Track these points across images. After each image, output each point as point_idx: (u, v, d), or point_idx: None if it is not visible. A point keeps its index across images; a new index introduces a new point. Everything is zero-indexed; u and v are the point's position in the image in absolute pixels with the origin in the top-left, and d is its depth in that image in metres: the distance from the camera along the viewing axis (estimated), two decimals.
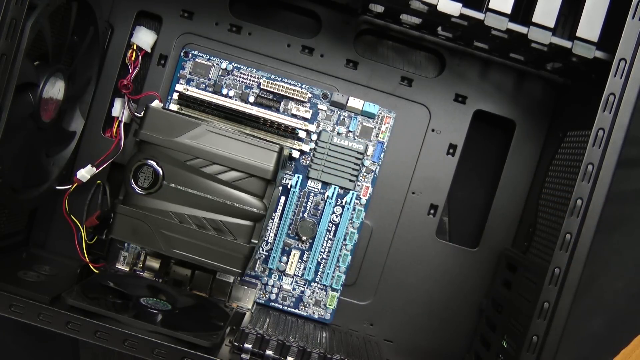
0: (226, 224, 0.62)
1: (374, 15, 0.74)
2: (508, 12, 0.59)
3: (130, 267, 0.73)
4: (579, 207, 0.56)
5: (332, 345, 0.68)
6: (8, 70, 0.53)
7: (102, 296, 0.63)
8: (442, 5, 0.59)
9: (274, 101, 0.74)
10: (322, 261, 0.75)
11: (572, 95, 0.72)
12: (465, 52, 0.75)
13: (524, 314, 0.61)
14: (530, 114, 0.75)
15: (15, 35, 0.53)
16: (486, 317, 0.74)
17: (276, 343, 0.59)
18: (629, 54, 0.56)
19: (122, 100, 0.73)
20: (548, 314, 0.57)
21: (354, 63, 0.75)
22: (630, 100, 0.56)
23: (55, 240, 0.74)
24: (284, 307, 0.75)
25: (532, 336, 0.58)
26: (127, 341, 0.56)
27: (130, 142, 0.73)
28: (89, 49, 0.69)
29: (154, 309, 0.62)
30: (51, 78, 0.62)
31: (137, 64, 0.74)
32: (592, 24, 0.59)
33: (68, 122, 0.72)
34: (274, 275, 0.75)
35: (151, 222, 0.61)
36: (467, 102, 0.75)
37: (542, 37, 0.59)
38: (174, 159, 0.61)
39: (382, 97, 0.75)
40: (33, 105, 0.60)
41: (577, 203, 0.56)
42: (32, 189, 0.66)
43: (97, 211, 0.71)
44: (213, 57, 0.74)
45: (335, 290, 0.75)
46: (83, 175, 0.70)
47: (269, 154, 0.62)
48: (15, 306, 0.56)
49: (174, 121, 0.61)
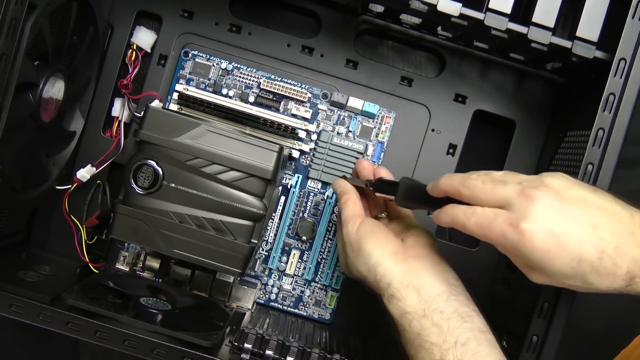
0: (226, 224, 0.62)
1: (374, 15, 0.74)
2: (508, 12, 0.59)
3: (130, 267, 0.73)
4: None
5: (332, 345, 0.68)
6: (8, 70, 0.53)
7: (102, 296, 0.63)
8: (442, 5, 0.59)
9: (274, 101, 0.74)
10: (322, 261, 0.75)
11: (572, 95, 0.72)
12: (465, 52, 0.75)
13: (524, 314, 0.61)
14: (530, 114, 0.75)
15: (15, 35, 0.53)
16: (486, 317, 0.74)
17: (276, 343, 0.59)
18: (629, 54, 0.56)
19: (122, 100, 0.73)
20: (548, 314, 0.57)
21: (354, 63, 0.75)
22: (630, 100, 0.56)
23: (55, 240, 0.74)
24: (284, 307, 0.75)
25: (532, 336, 0.58)
26: (127, 341, 0.56)
27: (130, 142, 0.73)
28: (89, 48, 0.69)
29: (153, 308, 0.62)
30: (51, 78, 0.62)
31: (137, 63, 0.74)
32: (592, 23, 0.59)
33: (68, 122, 0.72)
34: (274, 275, 0.75)
35: (151, 222, 0.61)
36: (467, 101, 0.75)
37: (542, 37, 0.59)
38: (173, 159, 0.61)
39: (382, 97, 0.75)
40: (33, 105, 0.60)
41: None
42: (32, 189, 0.66)
43: (97, 211, 0.71)
44: (213, 57, 0.74)
45: (336, 290, 0.75)
46: (83, 175, 0.70)
47: (268, 154, 0.62)
48: (15, 306, 0.56)
49: (174, 121, 0.61)
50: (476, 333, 0.54)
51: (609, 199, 0.51)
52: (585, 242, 0.48)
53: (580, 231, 0.48)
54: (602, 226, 0.48)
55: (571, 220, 0.48)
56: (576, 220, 0.48)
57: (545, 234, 0.48)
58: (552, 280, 0.50)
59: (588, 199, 0.50)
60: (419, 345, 0.54)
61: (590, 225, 0.48)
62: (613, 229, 0.48)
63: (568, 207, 0.49)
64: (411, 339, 0.55)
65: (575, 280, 0.49)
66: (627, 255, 0.47)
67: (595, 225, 0.48)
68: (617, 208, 0.50)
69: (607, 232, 0.48)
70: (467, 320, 0.55)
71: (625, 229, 0.48)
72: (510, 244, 0.49)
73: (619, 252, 0.47)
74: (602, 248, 0.47)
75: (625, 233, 0.48)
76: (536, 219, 0.48)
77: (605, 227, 0.48)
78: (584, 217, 0.48)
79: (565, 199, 0.49)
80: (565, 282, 0.50)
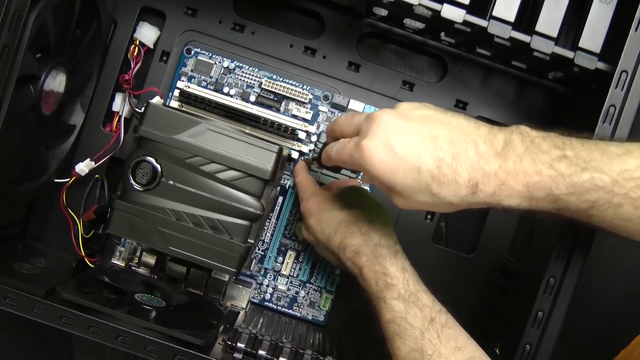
0: (223, 223, 0.62)
1: (377, 19, 0.74)
2: (511, 21, 0.59)
3: (126, 263, 0.72)
4: None
5: (325, 346, 0.68)
6: (10, 62, 0.53)
7: (97, 291, 0.63)
8: (446, 12, 0.59)
9: (275, 101, 0.74)
10: (318, 262, 0.75)
11: (573, 105, 0.72)
12: (468, 59, 0.75)
13: (518, 322, 0.61)
14: (530, 122, 0.74)
15: (18, 28, 0.53)
16: (480, 324, 0.74)
17: (269, 343, 0.59)
18: (631, 67, 0.56)
19: (123, 95, 0.73)
20: (542, 323, 0.57)
21: (356, 65, 0.75)
22: (631, 112, 0.56)
23: (51, 233, 0.74)
24: (278, 307, 0.75)
25: (525, 344, 0.58)
26: (120, 337, 0.56)
27: (129, 138, 0.73)
28: (92, 43, 0.69)
29: (148, 305, 0.62)
30: (53, 71, 0.62)
31: (139, 59, 0.74)
32: (594, 35, 0.59)
33: (68, 115, 0.72)
34: (269, 275, 0.75)
35: (148, 218, 0.61)
36: (468, 108, 0.75)
37: (544, 46, 0.59)
38: (172, 156, 0.61)
39: (383, 100, 0.75)
40: (34, 98, 0.60)
41: None
42: (31, 181, 0.66)
43: (95, 205, 0.71)
44: (215, 55, 0.74)
45: (330, 292, 0.75)
46: (82, 169, 0.70)
47: (268, 154, 0.61)
48: (9, 298, 0.56)
49: (174, 118, 0.61)
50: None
51: (460, 116, 0.52)
52: (422, 152, 0.49)
53: (417, 142, 0.49)
54: (440, 137, 0.49)
55: (409, 133, 0.50)
56: (414, 133, 0.50)
57: (383, 148, 0.50)
58: (409, 202, 0.52)
59: (433, 117, 0.52)
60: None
61: (429, 137, 0.49)
62: (452, 139, 0.49)
63: (408, 124, 0.51)
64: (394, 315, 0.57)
65: (423, 194, 0.50)
66: (466, 162, 0.48)
67: (433, 137, 0.49)
68: (463, 122, 0.51)
69: (445, 142, 0.49)
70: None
71: (466, 138, 0.49)
72: (357, 163, 0.52)
73: (458, 160, 0.48)
74: (439, 157, 0.49)
75: (466, 142, 0.49)
76: (375, 135, 0.51)
77: (443, 137, 0.49)
78: (424, 130, 0.50)
79: (407, 117, 0.51)
80: (419, 199, 0.51)
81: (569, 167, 0.47)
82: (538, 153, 0.48)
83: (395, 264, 0.58)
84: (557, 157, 0.47)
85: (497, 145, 0.49)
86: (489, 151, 0.49)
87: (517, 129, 0.50)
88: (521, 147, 0.48)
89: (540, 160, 0.48)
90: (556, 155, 0.48)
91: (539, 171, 0.47)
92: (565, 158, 0.47)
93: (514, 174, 0.48)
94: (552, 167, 0.47)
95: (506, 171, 0.48)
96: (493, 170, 0.48)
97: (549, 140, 0.49)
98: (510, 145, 0.49)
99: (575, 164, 0.47)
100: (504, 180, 0.48)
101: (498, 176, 0.48)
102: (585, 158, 0.47)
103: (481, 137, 0.49)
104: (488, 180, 0.48)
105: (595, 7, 0.59)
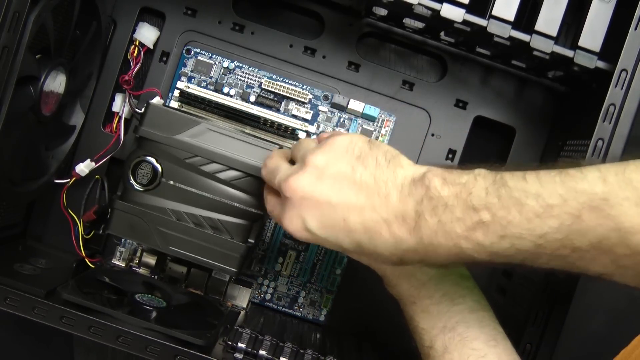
0: (223, 223, 0.62)
1: (377, 18, 0.74)
2: (511, 20, 0.59)
3: (127, 263, 0.73)
4: None
5: (325, 346, 0.68)
6: (10, 63, 0.53)
7: (98, 291, 0.63)
8: (446, 11, 0.59)
9: (275, 101, 0.74)
10: (318, 262, 0.75)
11: (573, 104, 0.72)
12: (467, 58, 0.75)
13: (518, 322, 0.61)
14: (530, 121, 0.75)
15: (18, 28, 0.53)
16: None
17: (270, 343, 0.59)
18: (630, 65, 0.56)
19: (123, 96, 0.73)
20: (542, 322, 0.57)
21: (356, 65, 0.75)
22: (631, 111, 0.56)
23: (52, 233, 0.74)
24: (279, 307, 0.75)
25: (526, 344, 0.58)
26: (120, 337, 0.56)
27: (130, 138, 0.73)
28: (91, 43, 0.69)
29: (148, 305, 0.62)
30: (52, 72, 0.62)
31: (139, 60, 0.74)
32: (594, 34, 0.59)
33: (68, 116, 0.72)
34: (269, 275, 0.75)
35: (148, 218, 0.61)
36: (468, 107, 0.75)
37: (544, 45, 0.59)
38: (173, 157, 0.61)
39: (383, 100, 0.75)
40: (34, 99, 0.60)
41: None
42: (31, 182, 0.66)
43: (95, 206, 0.71)
44: (215, 56, 0.74)
45: (331, 292, 0.75)
46: (82, 169, 0.70)
47: (268, 154, 0.61)
48: (10, 299, 0.56)
49: (174, 118, 0.61)
50: (465, 315, 0.54)
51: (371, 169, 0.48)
52: (339, 236, 0.48)
53: (333, 225, 0.48)
54: (352, 220, 0.47)
55: (320, 209, 0.48)
56: (326, 209, 0.48)
57: (299, 221, 0.49)
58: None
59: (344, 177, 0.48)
60: (412, 329, 0.57)
61: (342, 219, 0.48)
62: (364, 220, 0.47)
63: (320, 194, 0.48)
64: (407, 321, 0.58)
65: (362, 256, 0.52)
66: (384, 244, 0.47)
67: (345, 218, 0.47)
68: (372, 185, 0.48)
69: (359, 224, 0.47)
70: (457, 302, 0.55)
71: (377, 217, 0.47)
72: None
73: (375, 244, 0.47)
74: (356, 240, 0.48)
75: (378, 222, 0.46)
76: (292, 204, 0.49)
77: (355, 220, 0.47)
78: (336, 207, 0.48)
79: (320, 179, 0.49)
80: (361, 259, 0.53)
81: (486, 236, 0.43)
82: (453, 223, 0.44)
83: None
84: (472, 225, 0.43)
85: (410, 220, 0.45)
86: (401, 229, 0.46)
87: (428, 192, 0.45)
88: (433, 220, 0.44)
89: (456, 234, 0.44)
90: (471, 223, 0.43)
91: (456, 244, 0.44)
92: (481, 225, 0.43)
93: (432, 250, 0.45)
94: (468, 239, 0.43)
95: (424, 247, 0.45)
96: (412, 248, 0.46)
97: (462, 199, 0.44)
98: (422, 218, 0.45)
99: (492, 231, 0.43)
100: (425, 254, 0.46)
101: (418, 252, 0.46)
102: (502, 221, 0.42)
103: (392, 211, 0.46)
104: (411, 256, 0.46)
105: (594, 6, 0.59)
